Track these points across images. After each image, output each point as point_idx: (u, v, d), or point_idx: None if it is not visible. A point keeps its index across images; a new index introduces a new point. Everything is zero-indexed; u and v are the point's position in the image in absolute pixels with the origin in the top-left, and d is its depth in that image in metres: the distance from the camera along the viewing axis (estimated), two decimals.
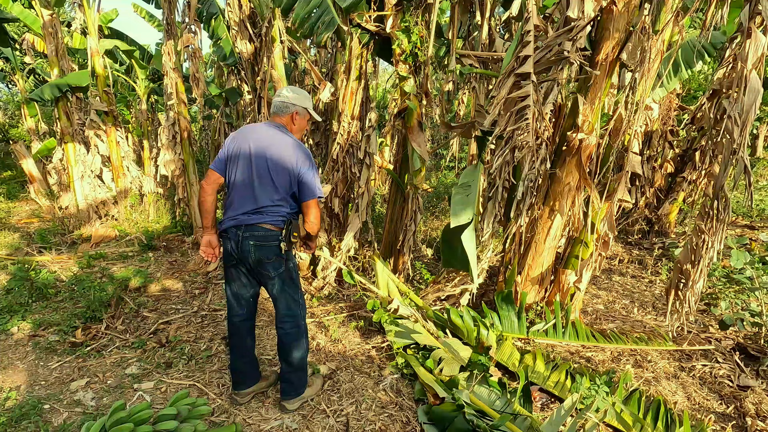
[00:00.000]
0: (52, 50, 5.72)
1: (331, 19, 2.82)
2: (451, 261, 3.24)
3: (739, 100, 2.25)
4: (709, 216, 2.59)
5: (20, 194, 8.02)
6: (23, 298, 3.73)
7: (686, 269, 2.80)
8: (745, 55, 2.20)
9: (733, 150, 2.35)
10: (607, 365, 2.91)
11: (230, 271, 2.33)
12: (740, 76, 2.25)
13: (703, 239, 2.69)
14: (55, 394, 2.58)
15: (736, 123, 2.29)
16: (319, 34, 2.83)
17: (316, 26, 2.85)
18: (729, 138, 2.35)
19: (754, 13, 2.20)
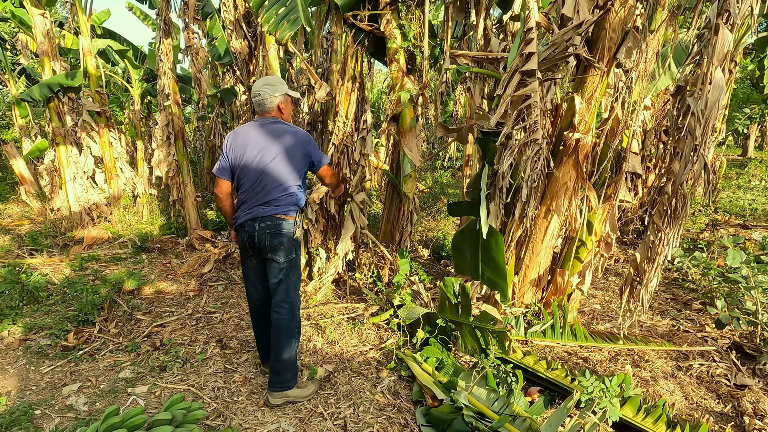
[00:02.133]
0: (44, 50, 5.65)
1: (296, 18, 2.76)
2: (462, 267, 3.22)
3: (703, 97, 2.23)
4: (666, 214, 2.60)
5: (10, 196, 7.91)
6: (14, 301, 3.67)
7: (642, 267, 2.82)
8: (711, 52, 2.19)
9: (695, 147, 2.34)
10: (605, 365, 2.91)
11: (246, 262, 2.52)
12: (705, 73, 2.23)
13: (659, 237, 2.71)
14: (46, 399, 2.53)
15: (698, 120, 2.28)
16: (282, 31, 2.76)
17: (281, 23, 2.79)
18: (691, 136, 2.35)
19: (722, 10, 2.18)
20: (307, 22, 2.59)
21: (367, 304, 3.68)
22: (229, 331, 3.34)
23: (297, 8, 2.59)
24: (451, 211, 3.39)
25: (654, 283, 2.67)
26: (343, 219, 4.21)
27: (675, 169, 2.45)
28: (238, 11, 4.63)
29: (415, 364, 2.72)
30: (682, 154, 2.42)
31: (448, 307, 2.89)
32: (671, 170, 2.52)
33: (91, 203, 5.97)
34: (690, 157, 2.27)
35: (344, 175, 3.69)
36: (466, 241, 3.09)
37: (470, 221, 3.10)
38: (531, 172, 2.89)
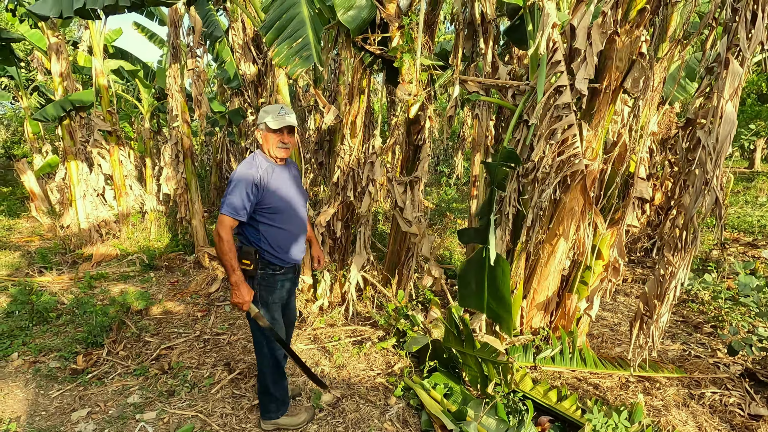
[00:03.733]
0: (57, 70, 5.78)
1: (308, 56, 2.79)
2: (466, 299, 3.18)
3: (714, 131, 2.24)
4: (676, 247, 2.58)
5: (21, 211, 8.00)
6: (24, 321, 3.70)
7: (652, 302, 2.78)
8: (722, 86, 2.20)
9: (706, 180, 2.34)
10: (616, 392, 2.88)
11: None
12: (716, 107, 2.24)
13: (670, 271, 2.67)
14: (55, 425, 2.53)
15: (710, 154, 2.28)
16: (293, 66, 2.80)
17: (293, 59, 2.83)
18: (702, 169, 2.34)
19: (732, 44, 2.20)
20: (319, 59, 2.63)
21: (373, 328, 3.68)
22: (236, 353, 3.34)
23: (309, 45, 2.64)
24: (460, 237, 3.39)
25: (665, 318, 2.64)
26: (348, 241, 4.23)
27: (685, 202, 2.45)
28: (246, 35, 4.72)
29: (424, 392, 2.71)
30: (692, 187, 2.42)
31: (453, 336, 2.87)
32: (681, 203, 2.52)
33: (100, 220, 6.04)
34: (701, 190, 2.27)
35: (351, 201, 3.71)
36: (472, 270, 3.08)
37: (478, 250, 3.11)
38: (538, 199, 2.91)
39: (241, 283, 2.18)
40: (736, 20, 2.14)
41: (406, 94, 2.83)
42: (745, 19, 2.12)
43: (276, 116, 2.20)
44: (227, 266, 2.16)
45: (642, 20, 2.57)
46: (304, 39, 2.64)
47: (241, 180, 2.14)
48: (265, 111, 2.25)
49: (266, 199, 2.21)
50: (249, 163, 2.22)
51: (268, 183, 2.21)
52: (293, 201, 2.35)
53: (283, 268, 2.34)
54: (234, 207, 2.13)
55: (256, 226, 2.25)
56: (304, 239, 2.48)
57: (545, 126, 2.30)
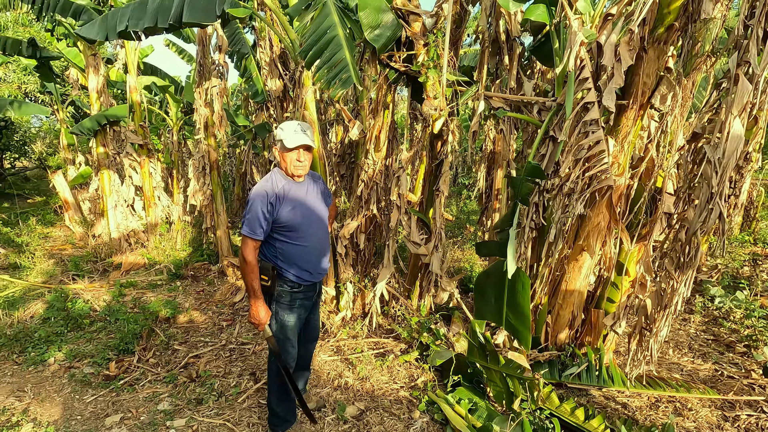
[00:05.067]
0: (94, 86, 6.06)
1: (347, 78, 2.89)
2: (483, 312, 3.17)
3: (720, 146, 2.21)
4: (678, 261, 2.54)
5: (55, 220, 8.33)
6: (59, 327, 3.84)
7: (652, 315, 2.74)
8: (730, 102, 2.18)
9: (710, 195, 2.31)
10: (645, 412, 2.81)
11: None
12: (724, 122, 2.22)
13: (671, 285, 2.63)
14: (90, 429, 2.62)
15: (715, 169, 2.26)
16: (335, 89, 2.90)
17: (333, 82, 2.93)
18: (707, 185, 2.32)
19: (742, 60, 2.19)
20: (358, 81, 2.73)
21: (396, 341, 3.69)
22: (261, 363, 3.40)
23: (348, 68, 2.74)
24: (479, 250, 3.39)
25: (664, 332, 2.60)
26: (371, 253, 4.27)
27: (689, 216, 2.42)
28: (273, 52, 4.88)
29: (448, 407, 2.70)
30: (697, 201, 2.40)
31: (476, 351, 2.87)
32: (685, 217, 2.49)
33: (129, 230, 6.25)
34: (705, 206, 2.24)
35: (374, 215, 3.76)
36: (491, 283, 3.07)
37: (497, 262, 3.10)
38: (561, 214, 2.90)
39: (260, 304, 2.23)
40: (747, 37, 2.14)
41: (432, 109, 2.88)
42: (756, 36, 2.12)
43: (292, 134, 2.20)
44: (248, 287, 2.21)
45: (670, 37, 2.57)
46: (342, 62, 2.74)
47: (256, 199, 2.18)
48: (281, 129, 2.24)
49: (283, 217, 2.21)
50: (265, 181, 2.25)
51: (284, 201, 2.22)
52: (312, 218, 2.33)
53: (302, 286, 2.34)
54: (251, 227, 2.17)
55: (273, 242, 2.27)
56: (327, 256, 2.46)
57: (573, 142, 2.31)
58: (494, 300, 3.00)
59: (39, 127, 12.96)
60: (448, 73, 2.97)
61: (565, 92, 2.39)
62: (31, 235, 6.73)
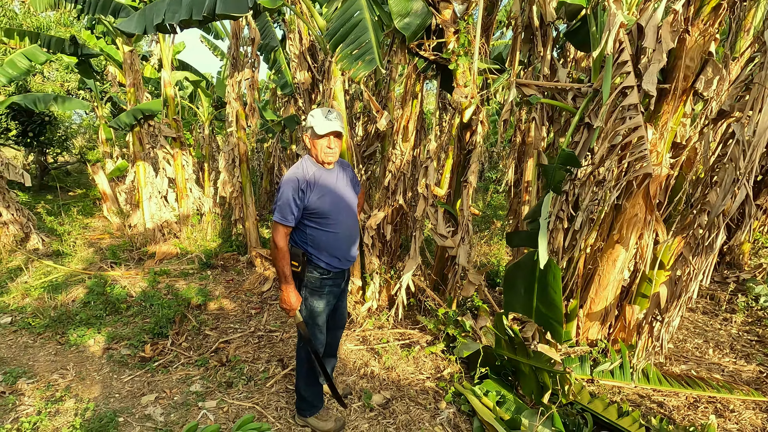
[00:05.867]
0: (131, 81, 6.28)
1: (371, 59, 2.87)
2: (513, 303, 3.10)
3: (751, 123, 2.06)
4: (697, 248, 2.40)
5: (94, 211, 8.71)
6: (99, 311, 4.02)
7: (664, 304, 2.60)
8: (764, 76, 2.02)
9: (736, 177, 2.16)
10: (683, 412, 2.70)
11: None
12: (756, 98, 2.06)
13: (686, 272, 2.49)
14: (127, 407, 2.73)
15: (744, 149, 2.11)
16: (357, 70, 2.88)
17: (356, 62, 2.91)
18: (733, 165, 2.17)
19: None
20: (380, 62, 2.70)
21: (422, 332, 3.67)
22: (289, 351, 3.45)
23: (372, 49, 2.71)
24: (509, 241, 3.33)
25: (676, 322, 2.48)
26: (397, 244, 4.26)
27: (711, 200, 2.29)
28: (303, 44, 4.92)
29: (475, 399, 2.67)
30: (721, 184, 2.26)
31: (505, 343, 2.81)
32: (707, 201, 2.35)
33: (163, 221, 6.46)
34: (730, 188, 2.11)
35: (401, 205, 3.74)
36: (520, 274, 3.00)
37: (527, 253, 3.04)
38: (589, 203, 2.81)
39: (291, 290, 2.25)
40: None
41: (462, 97, 2.83)
42: None
43: (322, 121, 2.19)
44: (279, 272, 2.24)
45: (716, 17, 2.44)
46: (366, 44, 2.72)
47: (287, 186, 2.19)
48: (312, 115, 2.24)
49: (313, 204, 2.22)
50: (296, 168, 2.26)
51: (314, 188, 2.22)
52: (342, 205, 2.33)
53: (331, 272, 2.35)
54: (282, 213, 2.18)
55: (303, 229, 2.29)
56: (356, 243, 2.47)
57: (610, 128, 2.22)
58: (524, 291, 2.94)
59: (79, 123, 13.57)
60: (479, 61, 2.91)
61: (602, 77, 2.30)
62: (73, 225, 7.05)
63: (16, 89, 9.36)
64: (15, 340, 3.61)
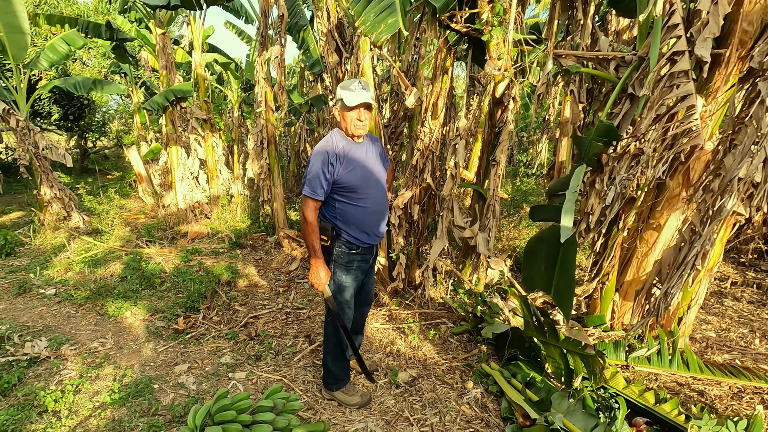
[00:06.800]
0: (163, 65, 6.41)
1: (394, 22, 2.76)
2: (533, 279, 2.99)
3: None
4: (707, 214, 2.21)
5: (130, 192, 9.05)
6: (135, 285, 4.17)
7: (665, 271, 2.42)
8: None
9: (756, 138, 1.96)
10: (726, 402, 2.56)
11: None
12: None
13: (692, 240, 2.30)
14: (162, 375, 2.83)
15: None
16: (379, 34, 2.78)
17: (378, 26, 2.81)
18: (755, 125, 1.97)
19: None
20: (405, 25, 2.61)
21: (448, 312, 3.63)
22: (316, 327, 3.49)
23: (396, 12, 2.62)
24: (533, 215, 3.20)
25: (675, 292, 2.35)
26: (424, 225, 4.20)
27: (727, 163, 2.10)
28: (330, 22, 4.85)
29: (503, 380, 2.62)
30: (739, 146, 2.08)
31: (533, 325, 2.73)
32: (722, 165, 2.17)
33: (194, 201, 6.63)
34: (748, 150, 1.93)
35: (429, 185, 3.67)
36: (543, 249, 2.88)
37: (551, 227, 2.92)
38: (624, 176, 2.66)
39: (321, 264, 2.24)
40: None
41: (496, 70, 2.71)
42: None
43: (352, 92, 2.14)
44: (309, 247, 2.23)
45: None
46: (391, 6, 2.64)
47: (317, 159, 2.16)
48: (342, 87, 2.19)
49: (342, 178, 2.19)
50: (325, 141, 2.22)
51: (344, 162, 2.19)
52: (371, 179, 2.29)
53: (360, 248, 2.33)
54: (312, 186, 2.16)
55: (333, 203, 2.26)
56: (385, 219, 2.44)
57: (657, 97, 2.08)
58: (545, 267, 2.83)
59: (116, 108, 14.06)
60: (514, 32, 2.78)
61: (648, 43, 2.14)
62: (110, 205, 7.34)
63: (57, 74, 9.72)
64: (59, 311, 3.80)
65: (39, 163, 6.01)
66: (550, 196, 3.14)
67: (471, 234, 3.63)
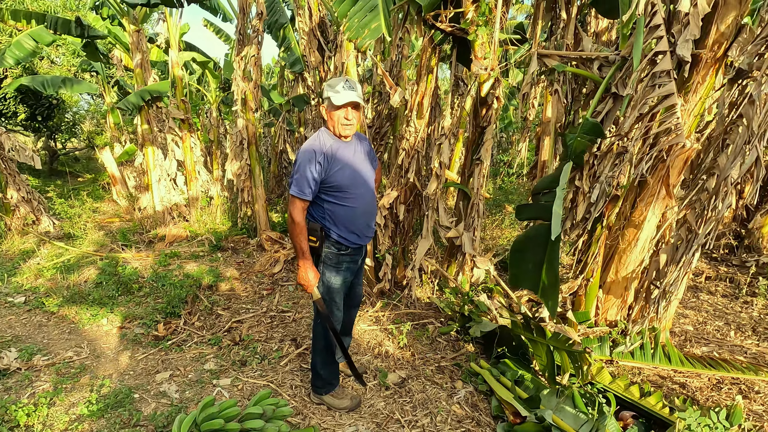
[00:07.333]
0: (138, 63, 6.20)
1: (377, 26, 2.75)
2: (519, 278, 3.00)
3: None
4: (703, 214, 2.32)
5: (103, 195, 8.73)
6: (111, 291, 4.01)
7: (663, 269, 2.52)
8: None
9: (749, 138, 2.05)
10: (706, 393, 2.63)
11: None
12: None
13: (688, 238, 2.40)
14: (142, 384, 2.72)
15: (758, 109, 2.00)
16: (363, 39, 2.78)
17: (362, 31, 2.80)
18: (747, 125, 2.06)
19: None
20: (388, 31, 2.60)
21: (435, 312, 3.63)
22: (302, 330, 3.43)
23: (379, 16, 2.61)
24: (519, 213, 3.22)
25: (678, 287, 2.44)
26: (410, 225, 4.19)
27: (721, 163, 2.19)
28: (313, 21, 4.79)
29: (492, 378, 2.63)
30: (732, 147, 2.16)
31: (521, 323, 2.75)
32: (716, 164, 2.25)
33: (172, 203, 6.44)
34: (741, 149, 2.01)
35: (414, 184, 3.67)
36: (531, 247, 2.90)
37: (539, 225, 2.94)
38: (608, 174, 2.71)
39: (309, 265, 2.20)
40: None
41: (482, 69, 2.72)
42: None
43: (339, 91, 2.10)
44: (297, 248, 2.18)
45: None
46: (374, 11, 2.62)
47: (304, 159, 2.12)
48: (329, 85, 2.15)
49: (330, 178, 2.15)
50: (313, 140, 2.18)
51: (332, 161, 2.15)
52: (360, 179, 2.26)
53: (349, 248, 2.30)
54: (299, 186, 2.12)
55: (321, 203, 2.22)
56: (374, 219, 2.41)
57: (640, 96, 2.12)
58: (533, 266, 2.84)
59: (87, 108, 13.55)
60: (500, 32, 2.79)
61: (631, 43, 2.18)
62: (83, 208, 7.06)
63: (23, 72, 9.31)
64: (29, 319, 3.62)
65: (5, 165, 5.73)
66: (534, 194, 3.17)
67: (456, 233, 3.64)
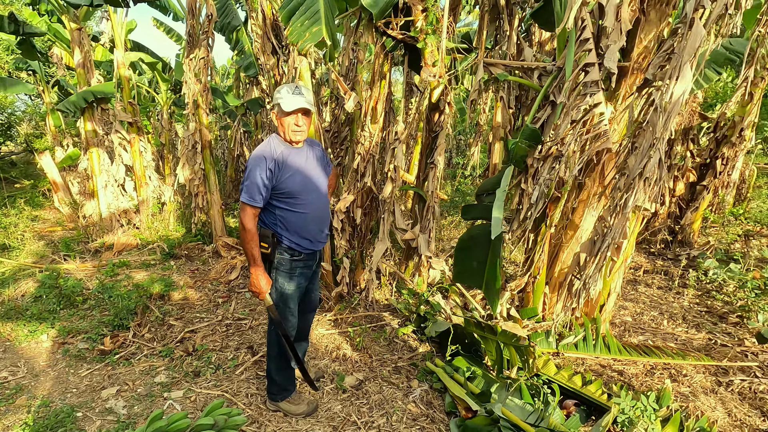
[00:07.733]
0: (80, 62, 5.87)
1: (317, 30, 2.80)
2: (464, 275, 3.10)
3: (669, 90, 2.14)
4: (616, 210, 2.57)
5: (43, 203, 8.18)
6: (52, 305, 3.78)
7: (585, 260, 2.76)
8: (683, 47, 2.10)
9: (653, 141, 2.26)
10: (641, 379, 2.85)
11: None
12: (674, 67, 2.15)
13: (604, 233, 2.66)
14: (86, 401, 2.59)
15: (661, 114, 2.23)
16: (304, 42, 2.82)
17: (303, 34, 2.84)
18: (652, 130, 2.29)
19: (699, 5, 2.10)
20: (329, 35, 2.64)
21: (393, 314, 3.69)
22: (258, 338, 3.38)
23: (320, 20, 2.66)
24: (464, 213, 3.33)
25: (595, 280, 2.66)
26: (367, 228, 4.24)
27: (630, 163, 2.43)
28: (266, 23, 4.74)
29: (446, 375, 2.71)
30: (639, 149, 2.40)
31: (473, 322, 2.86)
32: (626, 165, 2.50)
33: (120, 210, 6.14)
34: (647, 152, 2.24)
35: (371, 188, 3.71)
36: (475, 245, 3.02)
37: (481, 224, 3.07)
38: (547, 177, 2.88)
39: (261, 272, 2.19)
40: None
41: (431, 76, 2.81)
42: None
43: (289, 97, 2.12)
44: (248, 255, 2.17)
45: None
46: (315, 15, 2.66)
47: (254, 165, 2.11)
48: (278, 91, 2.16)
49: (281, 184, 2.16)
50: (263, 146, 2.18)
51: (283, 167, 2.15)
52: (311, 185, 2.27)
53: (302, 254, 2.30)
54: (250, 193, 2.11)
55: (272, 210, 2.22)
56: (327, 224, 2.43)
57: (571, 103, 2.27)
58: (477, 264, 2.95)
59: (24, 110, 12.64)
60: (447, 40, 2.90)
61: (565, 54, 2.34)
62: (20, 217, 6.60)
63: None
64: None
65: None
66: (479, 195, 3.30)
67: (412, 236, 3.73)
